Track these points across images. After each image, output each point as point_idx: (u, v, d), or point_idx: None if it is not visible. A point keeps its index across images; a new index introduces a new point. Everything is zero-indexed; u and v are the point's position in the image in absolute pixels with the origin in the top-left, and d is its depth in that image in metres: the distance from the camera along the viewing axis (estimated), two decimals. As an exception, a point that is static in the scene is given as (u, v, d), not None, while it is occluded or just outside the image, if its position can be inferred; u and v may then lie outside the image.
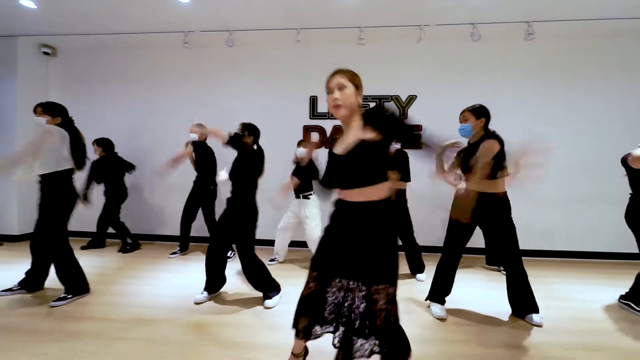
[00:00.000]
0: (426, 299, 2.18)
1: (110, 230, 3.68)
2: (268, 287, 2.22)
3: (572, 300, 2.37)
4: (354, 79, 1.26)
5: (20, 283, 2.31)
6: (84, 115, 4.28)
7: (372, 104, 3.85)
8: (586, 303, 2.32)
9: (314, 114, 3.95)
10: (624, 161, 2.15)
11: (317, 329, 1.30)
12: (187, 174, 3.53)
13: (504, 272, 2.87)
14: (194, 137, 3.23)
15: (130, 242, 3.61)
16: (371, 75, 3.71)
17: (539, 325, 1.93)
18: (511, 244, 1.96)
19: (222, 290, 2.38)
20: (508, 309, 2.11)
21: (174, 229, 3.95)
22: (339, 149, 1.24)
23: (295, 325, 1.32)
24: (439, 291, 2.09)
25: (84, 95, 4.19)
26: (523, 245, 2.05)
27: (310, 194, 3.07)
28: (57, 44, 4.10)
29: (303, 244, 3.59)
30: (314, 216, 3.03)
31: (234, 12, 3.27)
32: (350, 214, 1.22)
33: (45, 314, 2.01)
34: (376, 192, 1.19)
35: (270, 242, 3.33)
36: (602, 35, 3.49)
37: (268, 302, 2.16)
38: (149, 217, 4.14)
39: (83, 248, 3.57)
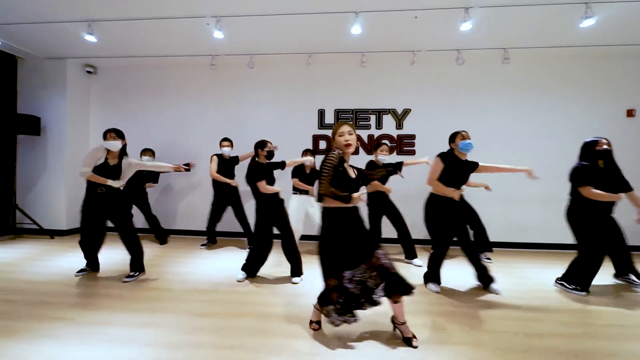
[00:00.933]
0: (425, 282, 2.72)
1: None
2: (299, 271, 2.85)
3: (529, 279, 2.97)
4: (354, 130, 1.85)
5: (88, 265, 2.95)
6: (119, 125, 4.89)
7: (372, 117, 4.46)
8: (539, 281, 2.91)
9: (321, 124, 4.55)
10: (573, 172, 2.62)
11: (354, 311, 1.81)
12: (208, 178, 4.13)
13: (488, 260, 3.47)
14: (228, 151, 3.90)
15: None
16: (372, 91, 4.43)
17: (497, 293, 2.55)
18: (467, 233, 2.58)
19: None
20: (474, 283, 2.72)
21: (200, 225, 4.57)
22: (350, 172, 1.86)
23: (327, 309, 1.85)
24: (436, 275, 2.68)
25: (119, 109, 4.79)
26: (503, 238, 2.56)
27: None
28: (98, 63, 4.71)
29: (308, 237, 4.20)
30: (317, 207, 3.64)
31: (256, 40, 3.87)
32: (354, 214, 1.83)
33: (119, 286, 2.62)
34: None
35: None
36: (565, 59, 4.10)
37: (296, 279, 2.79)
38: (177, 214, 4.74)
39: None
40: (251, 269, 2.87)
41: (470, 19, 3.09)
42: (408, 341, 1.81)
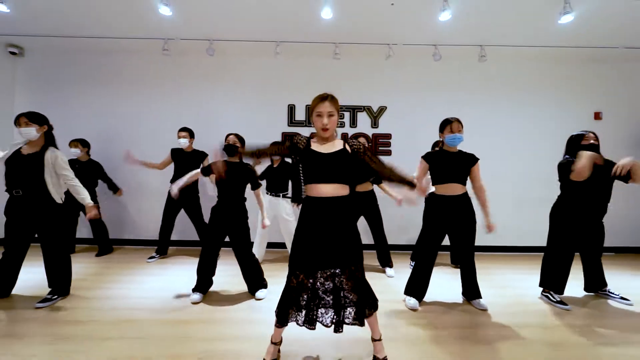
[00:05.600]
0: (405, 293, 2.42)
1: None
2: (260, 284, 2.49)
3: (512, 288, 2.79)
4: (338, 107, 1.54)
5: None
6: (52, 118, 4.16)
7: (346, 114, 4.14)
8: (521, 290, 2.74)
9: (291, 121, 4.16)
10: (560, 166, 2.40)
11: (305, 316, 1.53)
12: (163, 178, 3.59)
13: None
14: (185, 142, 3.42)
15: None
16: (345, 87, 4.09)
17: (485, 309, 2.30)
18: (473, 239, 2.35)
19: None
20: (460, 296, 2.48)
21: (150, 234, 3.98)
22: (322, 149, 1.52)
23: (281, 316, 1.54)
24: (417, 288, 2.36)
25: (53, 98, 4.06)
26: (477, 241, 2.42)
27: (288, 194, 3.32)
28: (25, 44, 3.96)
29: (277, 245, 3.80)
30: (291, 214, 3.28)
31: (215, 22, 3.39)
32: (326, 207, 1.50)
33: (25, 319, 2.04)
34: (344, 189, 1.53)
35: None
36: (538, 60, 4.04)
37: (259, 294, 2.45)
38: (124, 221, 4.12)
39: None
40: (203, 285, 2.43)
41: (449, 8, 2.86)
42: None
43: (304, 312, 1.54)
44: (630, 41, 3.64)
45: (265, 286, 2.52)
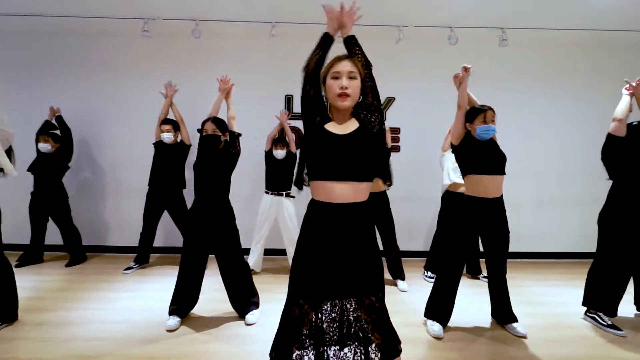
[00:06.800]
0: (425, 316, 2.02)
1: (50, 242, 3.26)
2: (251, 302, 2.09)
3: (547, 305, 2.40)
4: (361, 71, 1.14)
5: None
6: (23, 106, 3.73)
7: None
8: (560, 307, 2.35)
9: (290, 114, 3.73)
10: (605, 149, 2.05)
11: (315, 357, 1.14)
12: (145, 175, 3.16)
13: (484, 279, 2.87)
14: (169, 138, 3.04)
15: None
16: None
17: (523, 336, 1.90)
18: (506, 252, 1.95)
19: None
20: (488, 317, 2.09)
21: (131, 239, 3.55)
22: (337, 130, 1.11)
23: (281, 356, 1.13)
24: (440, 310, 1.95)
25: (11, 84, 3.60)
26: None
27: (291, 193, 2.98)
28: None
29: (277, 252, 3.40)
30: (294, 219, 2.92)
31: (202, 1, 2.97)
32: (340, 218, 1.08)
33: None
34: (366, 191, 1.13)
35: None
36: (571, 45, 3.63)
37: (250, 318, 2.03)
38: (101, 226, 3.68)
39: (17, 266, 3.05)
40: (182, 306, 2.01)
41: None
42: None
43: (312, 352, 1.14)
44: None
45: (256, 305, 2.11)
